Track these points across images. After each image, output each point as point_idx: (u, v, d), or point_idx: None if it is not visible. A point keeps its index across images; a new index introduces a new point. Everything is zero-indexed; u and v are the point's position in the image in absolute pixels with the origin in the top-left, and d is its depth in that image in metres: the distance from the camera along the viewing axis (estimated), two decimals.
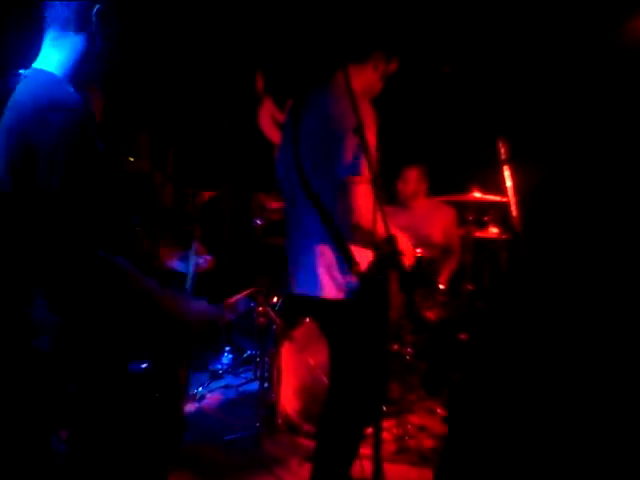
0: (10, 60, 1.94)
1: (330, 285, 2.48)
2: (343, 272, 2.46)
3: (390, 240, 2.22)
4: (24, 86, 1.78)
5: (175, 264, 2.29)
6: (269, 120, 5.51)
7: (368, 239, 2.27)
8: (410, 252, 2.52)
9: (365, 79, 2.60)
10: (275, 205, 4.37)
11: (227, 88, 5.21)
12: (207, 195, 4.01)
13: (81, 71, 1.83)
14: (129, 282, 1.69)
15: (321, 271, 2.48)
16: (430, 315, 3.91)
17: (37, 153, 1.63)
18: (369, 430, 2.88)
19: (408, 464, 3.38)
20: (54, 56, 1.82)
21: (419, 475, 3.29)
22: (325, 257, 2.49)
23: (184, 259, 2.29)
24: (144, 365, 1.73)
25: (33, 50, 1.85)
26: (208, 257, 2.38)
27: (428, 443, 3.60)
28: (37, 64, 1.83)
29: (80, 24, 1.79)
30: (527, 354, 3.97)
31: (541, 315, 4.28)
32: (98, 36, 1.81)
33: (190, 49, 4.86)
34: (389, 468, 2.95)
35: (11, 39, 2.86)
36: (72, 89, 1.79)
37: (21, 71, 2.24)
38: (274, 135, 5.55)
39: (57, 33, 1.81)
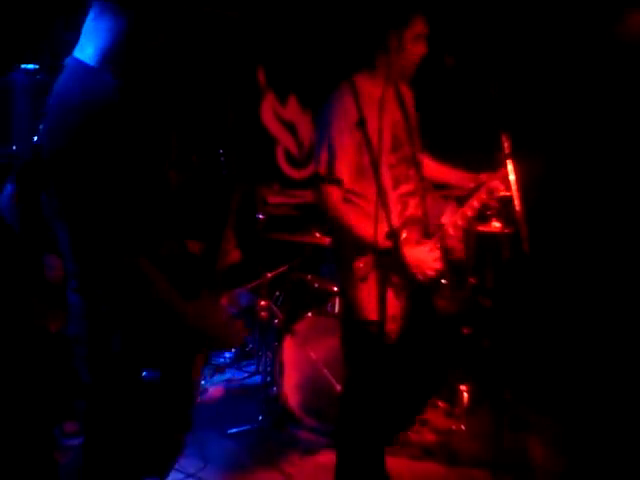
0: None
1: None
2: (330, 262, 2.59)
3: (392, 235, 2.24)
4: (58, 83, 1.70)
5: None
6: (271, 114, 5.51)
7: (337, 224, 2.55)
8: (422, 265, 2.56)
9: (395, 58, 2.59)
10: (277, 200, 4.36)
11: (230, 83, 5.20)
12: None
13: (121, 58, 1.69)
14: (152, 290, 1.65)
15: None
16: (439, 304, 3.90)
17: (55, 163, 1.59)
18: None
19: (410, 458, 3.38)
20: (93, 40, 1.68)
21: (422, 468, 3.30)
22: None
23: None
24: (156, 374, 1.71)
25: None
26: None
27: (430, 437, 3.60)
28: (77, 50, 1.71)
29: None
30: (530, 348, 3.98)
31: (544, 310, 4.29)
32: (135, 13, 1.66)
33: (192, 43, 4.84)
34: (391, 462, 2.94)
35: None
36: (108, 77, 1.67)
37: (24, 66, 2.17)
38: (276, 129, 5.57)
39: (98, 10, 1.67)
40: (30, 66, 3.41)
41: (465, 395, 3.75)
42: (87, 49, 1.69)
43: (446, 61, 2.60)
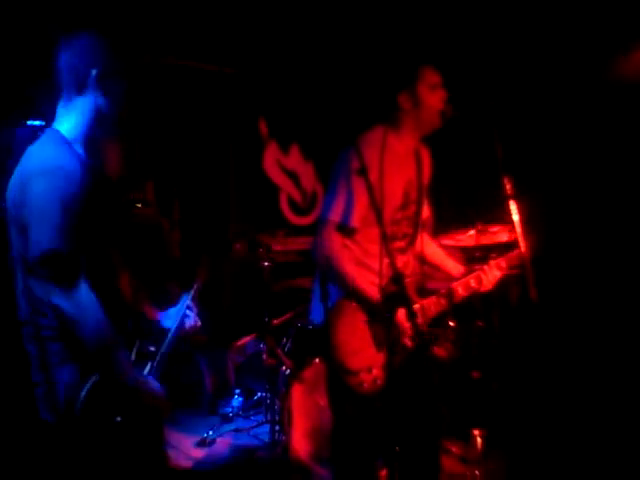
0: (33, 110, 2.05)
1: (315, 309, 2.69)
2: (319, 300, 2.55)
3: (397, 279, 2.25)
4: (33, 146, 1.89)
5: (160, 317, 2.27)
6: (274, 164, 5.59)
7: (329, 275, 2.51)
8: (408, 331, 2.49)
9: (417, 114, 2.61)
10: (280, 247, 4.39)
11: (231, 133, 5.29)
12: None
13: (91, 133, 1.92)
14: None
15: (313, 296, 2.74)
16: (441, 352, 3.89)
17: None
18: (383, 472, 2.89)
19: None
20: (67, 118, 1.91)
21: None
22: (315, 284, 2.72)
23: (169, 316, 2.27)
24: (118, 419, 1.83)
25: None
26: (196, 318, 2.34)
27: None
28: (55, 123, 1.93)
29: (82, 87, 1.88)
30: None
31: (552, 353, 4.26)
32: (103, 98, 1.89)
33: (192, 95, 4.95)
34: None
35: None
36: (81, 150, 1.90)
37: (30, 123, 2.37)
38: (279, 178, 5.64)
39: (67, 95, 1.91)
40: (36, 122, 3.48)
41: (479, 440, 3.69)
42: (63, 125, 1.92)
43: (445, 110, 2.63)
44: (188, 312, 2.28)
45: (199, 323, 2.31)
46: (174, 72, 4.66)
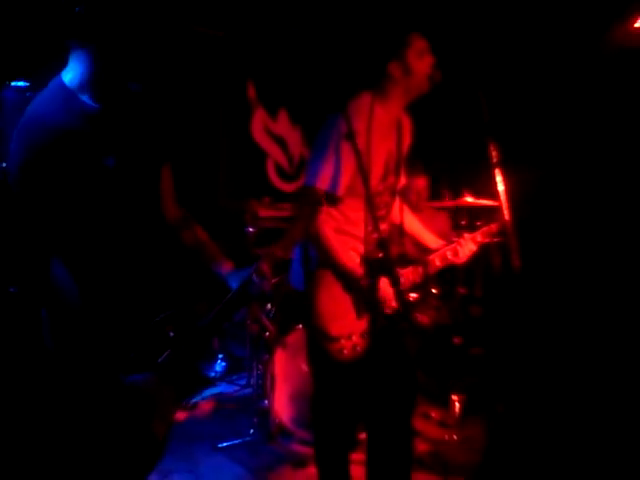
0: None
1: (296, 273, 2.66)
2: (301, 265, 2.58)
3: (382, 244, 2.25)
4: (34, 103, 1.80)
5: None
6: (262, 129, 5.55)
7: (315, 239, 2.48)
8: (390, 298, 2.48)
9: (407, 81, 2.58)
10: (267, 213, 4.37)
11: (220, 97, 5.22)
12: None
13: (97, 78, 1.79)
14: None
15: (294, 260, 2.69)
16: (424, 319, 3.92)
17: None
18: (362, 435, 2.93)
19: None
20: (72, 64, 1.80)
21: (414, 479, 3.28)
22: (296, 248, 2.66)
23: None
24: None
25: None
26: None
27: (423, 447, 3.59)
28: (63, 72, 1.82)
29: (73, 30, 1.75)
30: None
31: (535, 319, 4.29)
32: (98, 44, 1.76)
33: (181, 58, 4.87)
34: None
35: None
36: (87, 99, 1.79)
37: (14, 84, 2.29)
38: (266, 143, 5.60)
39: (72, 39, 1.78)
40: (20, 83, 3.41)
41: (457, 405, 3.75)
42: (69, 73, 1.80)
43: (433, 75, 2.60)
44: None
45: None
46: (162, 34, 4.57)
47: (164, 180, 2.07)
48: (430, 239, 2.88)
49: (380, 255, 2.34)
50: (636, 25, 4.13)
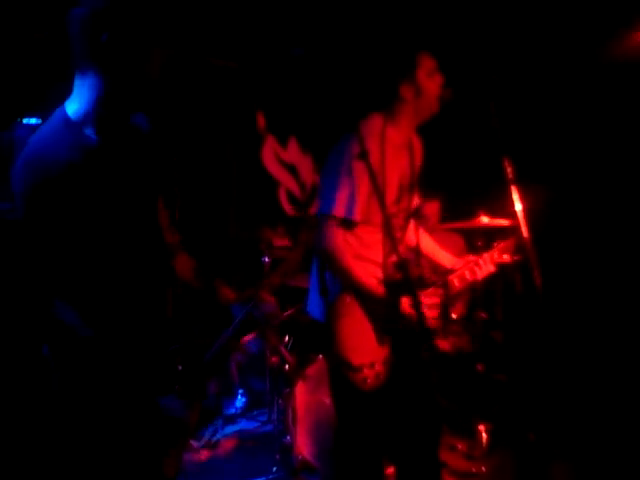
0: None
1: (314, 303, 2.59)
2: (319, 294, 2.51)
3: (402, 265, 2.19)
4: (36, 134, 1.77)
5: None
6: (272, 157, 5.53)
7: (336, 266, 2.44)
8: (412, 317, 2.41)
9: (418, 103, 2.55)
10: (282, 242, 4.33)
11: (230, 128, 5.23)
12: None
13: (103, 112, 1.75)
14: None
15: (311, 289, 2.65)
16: (445, 345, 3.81)
17: None
18: (389, 470, 2.83)
19: None
20: (77, 95, 1.75)
21: None
22: (313, 277, 2.63)
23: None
24: None
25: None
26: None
27: None
28: (67, 103, 1.78)
29: (92, 57, 1.69)
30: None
31: (560, 340, 4.17)
32: (115, 72, 1.71)
33: (191, 90, 4.88)
34: None
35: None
36: (91, 133, 1.75)
37: (26, 121, 2.28)
38: (277, 171, 5.58)
39: (79, 67, 1.74)
40: (32, 121, 3.41)
41: (484, 435, 3.61)
42: (74, 104, 1.76)
43: (443, 94, 2.56)
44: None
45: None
46: (175, 65, 4.59)
47: (160, 212, 2.04)
48: (446, 258, 2.83)
49: (399, 277, 2.29)
50: None
